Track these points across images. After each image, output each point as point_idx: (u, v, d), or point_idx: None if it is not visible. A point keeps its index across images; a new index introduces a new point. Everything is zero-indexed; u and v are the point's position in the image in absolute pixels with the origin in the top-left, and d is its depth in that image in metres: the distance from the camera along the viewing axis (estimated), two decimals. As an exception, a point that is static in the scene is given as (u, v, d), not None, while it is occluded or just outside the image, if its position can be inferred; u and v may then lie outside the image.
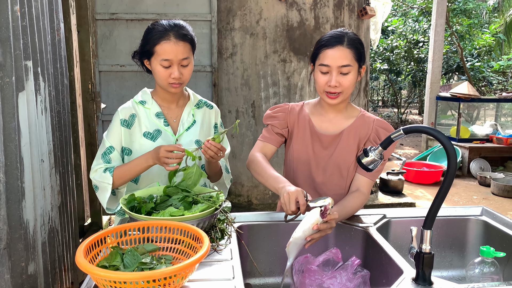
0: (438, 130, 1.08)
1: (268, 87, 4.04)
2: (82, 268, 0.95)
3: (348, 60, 1.54)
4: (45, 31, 2.09)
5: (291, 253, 1.32)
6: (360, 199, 1.58)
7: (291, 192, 1.33)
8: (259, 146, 1.74)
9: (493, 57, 11.16)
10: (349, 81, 1.55)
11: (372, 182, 1.64)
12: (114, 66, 3.64)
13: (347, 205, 1.53)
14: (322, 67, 1.56)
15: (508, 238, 1.51)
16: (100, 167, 1.67)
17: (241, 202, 4.25)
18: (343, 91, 1.57)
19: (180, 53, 1.59)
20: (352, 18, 4.13)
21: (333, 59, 1.53)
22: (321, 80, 1.58)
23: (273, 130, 1.75)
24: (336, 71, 1.54)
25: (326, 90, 1.58)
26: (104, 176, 1.63)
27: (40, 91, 2.02)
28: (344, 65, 1.53)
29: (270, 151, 1.74)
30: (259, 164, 1.62)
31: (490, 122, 7.06)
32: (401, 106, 13.18)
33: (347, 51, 1.54)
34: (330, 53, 1.54)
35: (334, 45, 1.54)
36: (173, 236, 1.19)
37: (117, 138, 1.71)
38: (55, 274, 2.17)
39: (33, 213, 1.93)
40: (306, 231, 1.27)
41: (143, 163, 1.61)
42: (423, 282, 1.11)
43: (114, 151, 1.69)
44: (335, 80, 1.54)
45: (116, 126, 1.71)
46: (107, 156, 1.69)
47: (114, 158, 1.69)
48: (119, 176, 1.64)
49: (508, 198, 5.28)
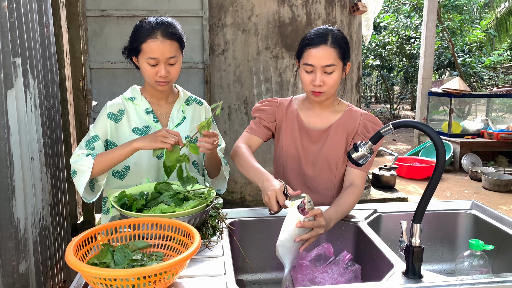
0: (427, 125, 1.09)
1: (261, 83, 4.04)
2: (72, 266, 0.94)
3: (332, 59, 1.53)
4: (34, 27, 2.07)
5: (284, 258, 1.30)
6: (354, 194, 1.58)
7: (270, 193, 1.33)
8: (245, 138, 1.74)
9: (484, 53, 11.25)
10: (333, 80, 1.56)
11: (365, 174, 1.64)
12: (105, 63, 3.62)
13: (342, 203, 1.52)
14: (307, 66, 1.56)
15: (497, 232, 1.52)
16: (82, 152, 1.61)
17: (235, 198, 4.25)
18: (327, 89, 1.58)
19: (167, 51, 1.58)
20: (344, 14, 4.13)
21: (317, 58, 1.53)
22: (306, 79, 1.59)
23: (260, 123, 1.76)
24: (320, 71, 1.55)
25: (311, 89, 1.59)
26: (85, 160, 1.56)
27: (30, 88, 2.00)
28: (328, 65, 1.53)
29: (255, 144, 1.74)
30: (242, 155, 1.62)
31: (481, 117, 7.12)
32: (394, 102, 13.24)
33: (331, 50, 1.53)
34: (314, 52, 1.54)
35: (318, 44, 1.53)
36: (164, 232, 1.19)
37: (103, 129, 1.68)
38: (47, 272, 2.16)
39: (24, 211, 1.91)
40: (290, 231, 1.25)
41: (126, 146, 1.53)
42: (413, 275, 1.12)
43: (99, 140, 1.66)
44: (320, 79, 1.55)
45: (103, 118, 1.69)
46: (91, 144, 1.65)
47: (97, 147, 1.65)
48: (100, 161, 1.56)
49: (498, 192, 5.34)
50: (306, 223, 1.26)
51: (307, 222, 1.26)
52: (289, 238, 1.26)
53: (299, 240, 1.26)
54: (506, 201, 5.04)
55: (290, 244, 1.27)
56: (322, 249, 1.39)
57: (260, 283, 1.55)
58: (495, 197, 5.16)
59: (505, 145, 6.47)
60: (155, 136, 1.48)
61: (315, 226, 1.28)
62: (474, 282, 1.08)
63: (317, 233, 1.29)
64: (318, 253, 1.38)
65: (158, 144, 1.46)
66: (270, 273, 1.58)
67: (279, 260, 1.56)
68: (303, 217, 1.26)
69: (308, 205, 1.28)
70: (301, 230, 1.27)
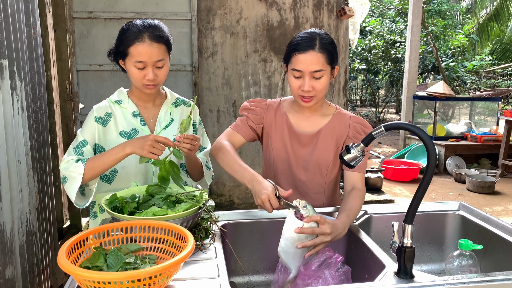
0: (417, 127, 1.11)
1: (249, 86, 4.05)
2: (65, 269, 0.93)
3: (320, 64, 1.52)
4: (21, 29, 2.04)
5: (288, 263, 1.30)
6: (360, 197, 1.56)
7: (263, 198, 1.33)
8: (228, 134, 1.71)
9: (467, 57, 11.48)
10: (322, 85, 1.55)
11: (364, 176, 1.64)
12: (93, 65, 3.58)
13: (352, 207, 1.49)
14: (295, 71, 1.55)
15: (484, 232, 1.55)
16: (72, 158, 1.58)
17: (223, 201, 4.24)
18: (316, 94, 1.57)
19: (154, 55, 1.57)
20: (331, 18, 4.18)
21: (305, 64, 1.52)
22: (294, 84, 1.57)
23: (247, 122, 1.73)
24: (309, 76, 1.53)
25: (299, 94, 1.58)
26: (76, 166, 1.54)
27: (16, 90, 1.97)
28: (316, 70, 1.52)
29: (238, 142, 1.71)
30: (227, 153, 1.59)
31: (464, 121, 7.26)
32: (379, 106, 13.40)
33: (319, 55, 1.51)
34: (302, 58, 1.52)
35: (306, 49, 1.51)
36: (156, 235, 1.18)
37: (91, 133, 1.66)
38: (33, 277, 2.12)
39: (10, 215, 1.88)
40: (289, 238, 1.26)
41: (119, 152, 1.52)
42: (404, 275, 1.13)
43: (87, 145, 1.64)
44: (308, 84, 1.54)
45: (90, 122, 1.67)
46: (80, 150, 1.62)
47: (87, 152, 1.63)
48: (92, 167, 1.54)
49: (482, 194, 5.44)
50: (306, 230, 1.24)
51: (307, 228, 1.25)
52: (289, 244, 1.26)
53: (301, 246, 1.25)
54: (490, 202, 5.13)
55: (292, 250, 1.27)
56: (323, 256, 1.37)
57: (252, 285, 1.55)
58: (479, 199, 5.26)
59: (488, 147, 6.60)
60: (143, 144, 1.47)
61: (319, 233, 1.27)
62: (464, 281, 1.10)
63: (322, 240, 1.27)
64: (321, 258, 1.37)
65: (145, 154, 1.46)
66: (261, 275, 1.58)
67: (271, 262, 1.57)
68: (302, 222, 1.25)
69: (303, 210, 1.27)
70: (302, 236, 1.26)
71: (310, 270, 1.28)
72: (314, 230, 1.26)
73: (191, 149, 1.53)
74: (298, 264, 1.30)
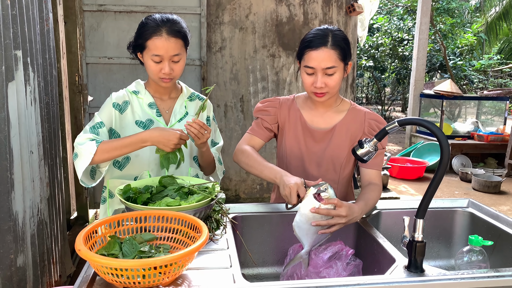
0: (431, 122, 1.11)
1: (257, 81, 4.05)
2: (83, 256, 0.95)
3: (333, 61, 1.53)
4: (34, 20, 2.06)
5: (301, 238, 1.34)
6: (377, 191, 1.59)
7: (292, 185, 1.35)
8: (247, 139, 1.75)
9: (475, 56, 11.41)
10: (335, 81, 1.56)
11: (380, 173, 1.66)
12: (102, 58, 3.60)
13: (369, 198, 1.52)
14: (308, 68, 1.56)
15: (493, 229, 1.56)
16: (88, 136, 1.58)
17: (229, 196, 4.26)
18: (329, 90, 1.58)
19: (171, 49, 1.60)
20: (340, 14, 4.17)
21: (317, 61, 1.52)
22: (307, 80, 1.58)
23: (262, 124, 1.75)
24: (322, 73, 1.54)
25: (312, 90, 1.59)
26: (88, 145, 1.54)
27: (30, 81, 1.99)
28: (329, 67, 1.53)
29: (257, 145, 1.74)
30: (250, 156, 1.62)
31: (471, 120, 7.23)
32: (385, 104, 13.36)
33: (332, 52, 1.52)
34: (314, 55, 1.52)
35: (318, 46, 1.52)
36: (170, 225, 1.20)
37: (108, 117, 1.69)
38: (43, 266, 2.15)
39: (22, 204, 1.90)
40: (304, 214, 1.30)
41: (138, 143, 1.55)
42: (415, 269, 1.14)
43: (104, 127, 1.66)
44: (321, 81, 1.54)
45: (108, 107, 1.70)
46: (96, 130, 1.64)
47: (102, 133, 1.64)
48: (105, 150, 1.54)
49: (488, 194, 5.43)
50: (321, 210, 1.29)
51: (322, 209, 1.29)
52: (304, 221, 1.31)
53: (315, 225, 1.29)
54: (496, 202, 5.12)
55: (306, 227, 1.31)
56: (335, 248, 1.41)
57: (261, 277, 1.56)
58: (484, 198, 5.25)
59: (495, 147, 6.57)
60: (168, 141, 1.53)
61: (334, 215, 1.30)
62: (475, 277, 1.11)
63: (337, 222, 1.31)
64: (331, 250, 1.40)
65: (168, 149, 1.54)
66: (271, 267, 1.60)
67: (280, 255, 1.59)
68: (318, 203, 1.29)
69: (324, 193, 1.30)
70: (317, 215, 1.30)
71: (322, 260, 1.30)
72: (330, 212, 1.30)
73: (198, 136, 1.55)
74: (311, 241, 1.34)
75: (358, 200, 1.49)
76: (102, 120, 1.67)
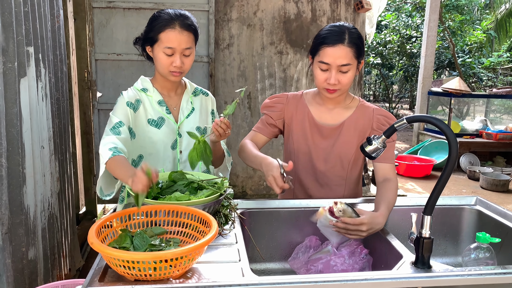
0: (441, 120, 1.12)
1: (264, 78, 4.06)
2: (96, 248, 0.97)
3: (348, 59, 1.53)
4: (46, 17, 2.09)
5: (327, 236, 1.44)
6: (394, 189, 1.57)
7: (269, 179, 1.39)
8: (251, 135, 1.78)
9: (484, 54, 11.30)
10: (348, 79, 1.57)
11: (394, 166, 1.66)
12: (111, 54, 3.62)
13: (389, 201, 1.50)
14: (322, 64, 1.56)
15: (501, 227, 1.56)
16: (109, 139, 1.53)
17: (236, 192, 4.28)
18: (342, 88, 1.58)
19: (183, 42, 1.61)
20: (349, 11, 4.16)
21: (333, 58, 1.53)
22: (320, 76, 1.58)
23: (267, 121, 1.77)
24: (336, 70, 1.54)
25: (325, 86, 1.59)
26: (106, 152, 1.46)
27: (41, 77, 2.02)
28: (344, 64, 1.53)
29: (261, 141, 1.77)
30: (246, 149, 1.66)
31: (480, 118, 7.18)
32: (392, 101, 13.29)
33: (348, 50, 1.52)
34: (331, 51, 1.52)
35: (335, 43, 1.52)
36: (180, 219, 1.22)
37: (125, 115, 1.65)
38: (54, 260, 2.19)
39: (34, 198, 1.94)
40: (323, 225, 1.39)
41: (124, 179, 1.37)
42: (422, 265, 1.15)
43: (124, 125, 1.61)
44: (335, 78, 1.55)
45: (122, 105, 1.66)
46: (117, 129, 1.59)
47: (123, 131, 1.60)
48: (111, 168, 1.45)
49: (496, 192, 5.40)
50: (339, 225, 1.33)
51: (340, 224, 1.33)
52: (326, 223, 1.37)
53: (334, 229, 1.36)
54: (504, 200, 5.09)
55: (330, 230, 1.39)
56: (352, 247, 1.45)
57: (268, 272, 1.58)
58: (492, 197, 5.21)
59: (503, 145, 6.53)
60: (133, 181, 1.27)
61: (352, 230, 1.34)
62: (482, 273, 1.11)
63: (356, 234, 1.35)
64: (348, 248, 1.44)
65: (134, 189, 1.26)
66: (278, 262, 1.61)
67: (287, 250, 1.61)
68: (334, 219, 1.34)
69: (338, 212, 1.35)
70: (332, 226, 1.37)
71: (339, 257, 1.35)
72: (348, 227, 1.33)
73: (221, 135, 1.59)
74: (336, 240, 1.42)
75: (379, 204, 1.47)
76: (120, 119, 1.62)
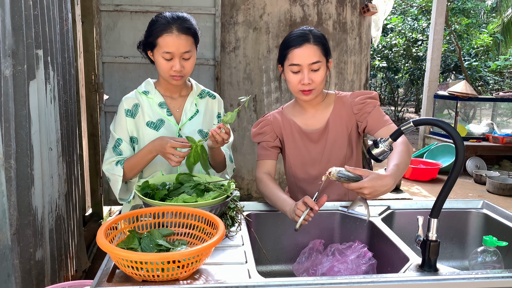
0: (447, 123, 1.12)
1: (270, 81, 4.07)
2: (105, 248, 0.98)
3: (317, 56, 1.57)
4: (55, 20, 2.11)
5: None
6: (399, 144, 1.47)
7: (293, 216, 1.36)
8: (260, 166, 1.75)
9: (490, 57, 11.24)
10: (320, 77, 1.60)
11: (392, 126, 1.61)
12: (118, 57, 3.65)
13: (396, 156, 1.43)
14: (293, 66, 1.59)
15: (508, 230, 1.55)
16: (112, 160, 1.71)
17: (241, 195, 4.28)
18: (316, 87, 1.61)
19: (182, 46, 1.61)
20: (354, 14, 4.16)
21: (302, 58, 1.56)
22: (293, 79, 1.61)
23: (267, 146, 1.76)
24: (307, 69, 1.58)
25: (300, 88, 1.61)
26: (116, 169, 1.67)
27: (50, 80, 2.04)
28: (314, 62, 1.57)
29: (271, 167, 1.75)
30: (266, 187, 1.63)
31: (486, 121, 7.14)
32: (398, 104, 13.25)
33: (315, 48, 1.57)
34: (299, 52, 1.56)
35: (301, 43, 1.57)
36: (187, 221, 1.23)
37: (124, 129, 1.74)
38: (61, 261, 2.20)
39: (42, 200, 1.95)
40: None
41: (147, 155, 1.65)
42: (428, 268, 1.15)
43: (123, 142, 1.73)
44: (308, 77, 1.58)
45: (121, 117, 1.75)
46: (118, 149, 1.73)
47: (124, 149, 1.73)
48: (130, 168, 1.68)
49: (503, 196, 5.36)
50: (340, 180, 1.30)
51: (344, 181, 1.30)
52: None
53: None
54: (510, 204, 5.06)
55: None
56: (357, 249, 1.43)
57: (274, 274, 1.58)
58: (499, 201, 5.18)
59: (510, 149, 6.48)
60: (162, 153, 1.58)
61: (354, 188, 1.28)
62: (489, 277, 1.11)
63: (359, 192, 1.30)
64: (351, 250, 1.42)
65: (167, 160, 1.58)
66: (283, 265, 1.61)
67: (292, 253, 1.61)
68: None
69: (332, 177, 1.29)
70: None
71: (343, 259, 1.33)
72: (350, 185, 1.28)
73: (219, 143, 1.57)
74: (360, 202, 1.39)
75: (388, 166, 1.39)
76: (119, 136, 1.73)
